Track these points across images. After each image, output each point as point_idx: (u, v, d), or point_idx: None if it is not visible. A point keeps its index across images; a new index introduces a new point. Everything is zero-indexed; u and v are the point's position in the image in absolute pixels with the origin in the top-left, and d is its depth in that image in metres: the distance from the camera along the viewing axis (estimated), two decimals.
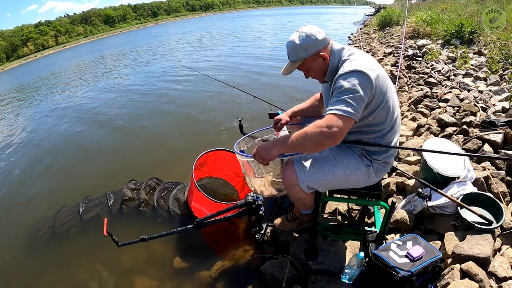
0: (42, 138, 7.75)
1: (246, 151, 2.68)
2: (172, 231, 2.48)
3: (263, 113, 2.37)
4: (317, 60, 1.87)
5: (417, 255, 1.85)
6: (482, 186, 2.59)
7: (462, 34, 7.63)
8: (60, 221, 3.81)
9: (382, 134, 1.88)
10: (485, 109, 3.92)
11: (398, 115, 1.92)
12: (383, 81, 1.74)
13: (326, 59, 1.86)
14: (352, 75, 1.66)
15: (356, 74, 1.65)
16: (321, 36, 1.83)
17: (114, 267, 3.17)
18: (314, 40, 1.82)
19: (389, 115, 1.82)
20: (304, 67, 1.94)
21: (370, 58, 1.81)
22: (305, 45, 1.83)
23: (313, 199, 2.09)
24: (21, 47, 76.66)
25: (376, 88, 1.69)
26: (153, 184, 4.06)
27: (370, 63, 1.72)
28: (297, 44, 1.84)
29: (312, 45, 1.82)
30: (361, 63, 1.70)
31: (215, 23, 47.10)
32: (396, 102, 1.88)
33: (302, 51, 1.84)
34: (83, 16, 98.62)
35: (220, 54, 16.32)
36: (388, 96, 1.78)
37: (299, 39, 1.84)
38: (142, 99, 9.69)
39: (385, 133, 1.88)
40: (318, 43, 1.83)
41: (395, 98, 1.88)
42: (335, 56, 1.85)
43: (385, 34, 12.86)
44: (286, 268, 2.39)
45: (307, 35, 1.82)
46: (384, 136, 1.89)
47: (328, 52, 1.86)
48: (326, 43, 1.85)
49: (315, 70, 1.93)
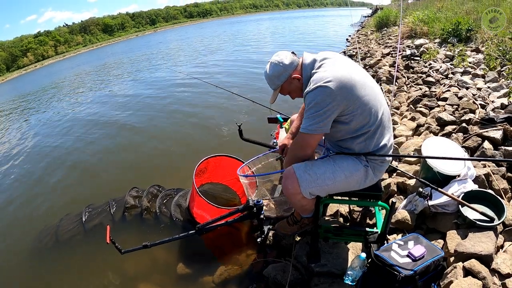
0: (43, 147, 7.79)
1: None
2: (174, 237, 2.49)
3: (262, 117, 2.40)
4: (293, 83, 1.99)
5: (418, 254, 1.85)
6: (483, 183, 2.58)
7: (459, 32, 7.64)
8: (63, 229, 3.82)
9: (371, 134, 1.89)
10: (484, 106, 3.92)
11: (384, 113, 1.91)
12: (354, 85, 1.75)
13: (300, 79, 1.96)
14: (315, 92, 1.75)
15: (319, 90, 1.73)
16: (288, 60, 1.94)
17: (117, 274, 3.17)
18: (282, 66, 1.94)
19: (372, 115, 1.82)
20: (285, 92, 2.08)
21: (340, 64, 1.84)
22: (276, 73, 1.96)
23: (314, 204, 2.10)
24: (21, 57, 76.87)
25: (345, 96, 1.73)
26: (154, 191, 4.07)
27: (337, 72, 1.76)
28: (270, 75, 1.99)
29: (282, 71, 1.95)
30: (327, 74, 1.76)
31: (214, 29, 47.24)
32: (378, 100, 1.87)
33: (275, 79, 1.99)
34: (82, 26, 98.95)
35: (219, 59, 16.39)
36: (365, 99, 1.78)
37: (270, 70, 1.99)
38: (142, 107, 9.72)
39: (373, 133, 1.88)
40: (287, 68, 1.95)
41: (378, 96, 1.89)
42: (307, 70, 1.93)
43: (382, 35, 12.90)
44: (288, 271, 2.39)
45: (275, 64, 1.96)
46: (373, 136, 1.89)
47: (299, 71, 1.96)
48: (295, 65, 1.96)
49: (295, 91, 2.05)
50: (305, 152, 1.97)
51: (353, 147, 1.95)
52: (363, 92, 1.77)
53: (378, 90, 1.92)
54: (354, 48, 11.61)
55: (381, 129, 1.90)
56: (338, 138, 1.97)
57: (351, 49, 11.67)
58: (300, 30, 24.92)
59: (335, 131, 1.90)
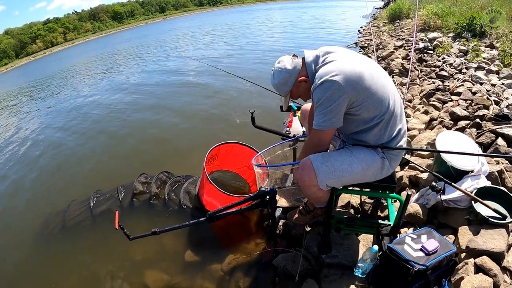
0: (51, 134, 7.87)
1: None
2: (184, 224, 2.49)
3: (275, 105, 2.37)
4: (301, 86, 1.97)
5: (432, 248, 1.83)
6: (496, 180, 2.56)
7: (473, 27, 7.51)
8: (71, 215, 3.85)
9: (384, 124, 1.87)
10: (498, 103, 3.87)
11: (396, 101, 1.89)
12: (361, 76, 1.73)
13: (307, 81, 1.94)
14: (322, 87, 1.74)
15: (327, 86, 1.72)
16: (290, 65, 1.94)
17: (125, 261, 3.18)
18: (287, 72, 1.94)
19: (382, 105, 1.81)
20: (295, 96, 2.07)
21: (344, 56, 1.82)
22: (283, 81, 1.96)
23: (328, 195, 2.08)
24: (30, 44, 77.14)
25: (353, 87, 1.72)
26: (164, 177, 4.08)
27: (342, 65, 1.74)
28: (276, 83, 2.00)
29: (288, 77, 1.95)
30: (332, 68, 1.75)
31: (224, 17, 46.98)
32: (388, 89, 1.85)
33: (283, 86, 1.99)
34: (91, 13, 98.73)
35: (231, 47, 16.27)
36: (373, 89, 1.76)
37: (275, 78, 1.99)
38: (152, 93, 9.73)
39: (387, 122, 1.87)
40: (292, 73, 1.94)
41: (387, 85, 1.86)
42: (311, 68, 1.91)
43: (395, 27, 12.72)
44: (299, 261, 2.38)
45: (279, 71, 1.96)
46: (387, 126, 1.88)
47: (304, 72, 1.94)
48: (298, 68, 1.95)
49: (304, 94, 2.03)
50: (321, 148, 1.97)
51: (368, 139, 1.93)
52: (371, 82, 1.75)
53: (387, 80, 1.89)
54: (366, 40, 11.49)
55: (394, 118, 1.88)
56: (351, 131, 1.96)
57: (363, 41, 11.54)
58: (311, 20, 24.61)
59: (348, 124, 1.89)
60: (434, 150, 2.59)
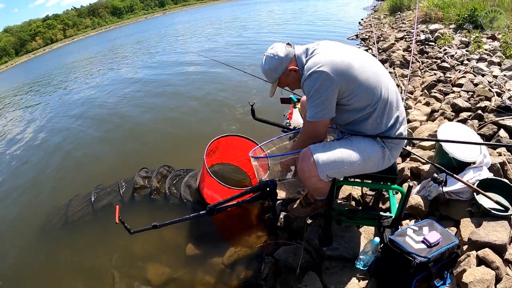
0: (52, 129, 7.90)
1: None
2: (184, 218, 2.48)
3: (275, 98, 2.34)
4: (290, 75, 1.99)
5: (434, 240, 1.82)
6: (498, 172, 2.54)
7: (475, 19, 7.46)
8: (73, 210, 3.86)
9: (379, 113, 1.86)
10: (500, 94, 3.83)
11: (389, 90, 1.89)
12: (349, 66, 1.76)
13: (297, 70, 1.96)
14: (311, 79, 1.78)
15: (315, 77, 1.76)
16: (283, 52, 1.95)
17: (126, 255, 3.19)
18: (278, 59, 1.95)
19: (374, 94, 1.81)
20: (282, 84, 2.09)
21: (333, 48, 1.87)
22: (273, 67, 1.97)
23: (329, 186, 2.06)
24: (29, 41, 77.18)
25: (342, 77, 1.74)
26: (164, 171, 4.07)
27: (329, 56, 1.79)
28: (266, 68, 2.00)
29: (278, 64, 1.96)
30: (319, 59, 1.79)
31: (225, 10, 46.77)
32: (381, 77, 1.85)
33: (272, 72, 2.00)
34: (90, 9, 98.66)
35: (230, 40, 16.21)
36: (363, 78, 1.78)
37: (266, 63, 1.99)
38: (152, 87, 9.71)
39: (382, 111, 1.86)
40: (283, 60, 1.95)
41: (379, 74, 1.86)
42: (301, 60, 1.93)
43: (396, 19, 12.65)
44: (300, 254, 2.38)
45: (271, 57, 1.97)
46: (383, 114, 1.87)
47: (295, 62, 1.97)
48: (290, 57, 1.96)
49: (293, 83, 2.06)
50: (317, 140, 1.97)
51: (365, 129, 1.92)
52: (361, 71, 1.77)
53: (378, 68, 1.90)
54: (367, 32, 11.43)
55: (389, 106, 1.88)
56: (346, 121, 1.96)
57: (364, 33, 11.48)
58: (312, 12, 24.48)
59: (341, 114, 1.91)
60: (434, 139, 2.57)
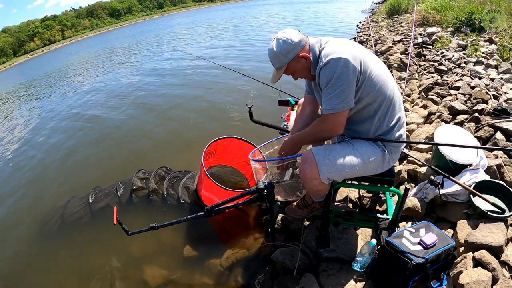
0: (49, 131, 7.87)
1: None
2: (182, 219, 2.48)
3: (273, 100, 2.34)
4: (300, 62, 1.91)
5: (430, 242, 1.83)
6: (495, 174, 2.55)
7: (472, 22, 7.49)
8: (70, 212, 3.85)
9: (384, 112, 1.88)
10: (496, 97, 3.86)
11: (394, 89, 1.90)
12: (364, 57, 1.77)
13: (308, 58, 1.89)
14: (331, 65, 1.72)
15: (335, 64, 1.71)
16: (297, 38, 1.87)
17: (124, 256, 3.19)
18: (291, 44, 1.86)
19: (383, 89, 1.82)
20: (290, 71, 1.99)
21: (345, 41, 1.87)
22: (284, 51, 1.87)
23: (328, 189, 2.07)
24: (27, 42, 77.04)
25: (359, 65, 1.73)
26: (162, 173, 4.07)
27: (344, 47, 1.76)
28: (276, 52, 1.89)
29: (291, 49, 1.87)
30: (337, 48, 1.76)
31: (224, 13, 46.86)
32: (387, 76, 1.87)
33: (282, 57, 1.89)
34: (89, 10, 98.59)
35: (229, 43, 16.26)
36: (375, 71, 1.79)
37: (277, 47, 1.88)
38: (149, 89, 9.70)
39: (386, 110, 1.88)
40: (296, 46, 1.87)
41: (386, 72, 1.88)
42: (315, 50, 1.88)
43: (394, 22, 12.68)
44: (297, 256, 2.38)
45: (284, 40, 1.86)
46: (386, 114, 1.89)
47: (307, 50, 1.90)
48: (304, 43, 1.89)
49: (301, 71, 1.98)
50: (336, 133, 1.90)
51: (367, 128, 1.93)
52: (373, 64, 1.79)
53: (385, 70, 1.90)
54: (365, 35, 11.46)
55: (392, 106, 1.89)
56: (351, 118, 1.93)
57: (361, 35, 11.52)
58: (311, 15, 24.57)
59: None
60: (433, 142, 2.59)
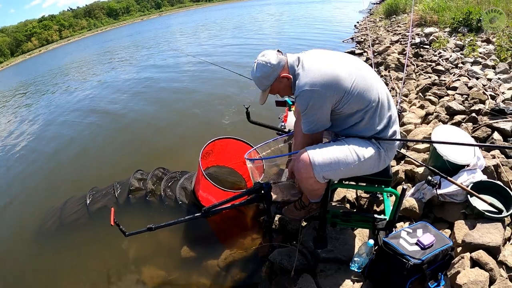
0: (46, 132, 7.85)
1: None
2: (179, 220, 2.48)
3: (270, 101, 2.33)
4: (282, 82, 1.97)
5: (427, 243, 1.83)
6: (492, 175, 2.55)
7: (469, 22, 7.50)
8: (67, 212, 3.85)
9: (371, 115, 1.88)
10: (494, 97, 3.87)
11: (380, 92, 1.90)
12: (339, 79, 1.77)
13: (290, 78, 1.95)
14: (304, 97, 1.80)
15: (308, 96, 1.79)
16: (275, 60, 1.92)
17: (121, 257, 3.19)
18: (270, 67, 1.92)
19: (365, 99, 1.83)
20: (274, 91, 2.07)
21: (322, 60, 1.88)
22: (265, 74, 1.94)
23: (325, 189, 2.07)
24: (25, 42, 76.85)
25: (334, 91, 1.78)
26: (159, 174, 4.07)
27: (319, 71, 1.79)
28: (258, 76, 1.97)
29: (271, 72, 1.93)
30: (311, 75, 1.80)
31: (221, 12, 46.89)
32: (370, 82, 1.86)
33: (264, 80, 1.96)
34: (87, 10, 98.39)
35: (226, 43, 16.29)
36: (354, 88, 1.80)
37: (257, 71, 1.96)
38: (146, 90, 9.68)
39: (373, 113, 1.88)
40: (276, 68, 1.92)
41: (368, 79, 1.87)
42: (294, 70, 1.94)
43: (391, 22, 12.70)
44: (294, 256, 2.37)
45: (263, 64, 1.93)
46: (374, 116, 1.89)
47: (287, 70, 1.96)
48: (283, 64, 1.94)
49: (283, 90, 2.04)
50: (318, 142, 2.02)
51: (359, 131, 1.94)
52: (349, 80, 1.79)
53: (366, 71, 1.90)
54: (362, 35, 11.48)
55: (381, 107, 1.89)
56: (342, 127, 1.98)
57: (359, 36, 11.54)
58: (308, 15, 24.59)
59: (335, 121, 1.95)
60: (428, 141, 2.59)
